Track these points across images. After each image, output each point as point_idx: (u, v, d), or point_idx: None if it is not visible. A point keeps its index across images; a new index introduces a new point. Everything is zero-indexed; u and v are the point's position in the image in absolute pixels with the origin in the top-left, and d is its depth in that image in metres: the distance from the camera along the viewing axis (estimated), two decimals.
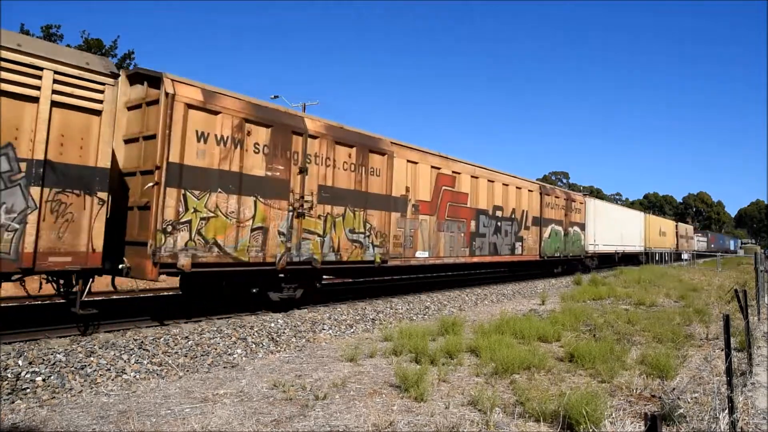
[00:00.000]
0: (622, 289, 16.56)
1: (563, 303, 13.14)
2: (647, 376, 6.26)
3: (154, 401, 5.21)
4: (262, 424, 4.58)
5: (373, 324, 10.00)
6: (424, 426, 4.55)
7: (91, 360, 6.02)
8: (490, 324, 8.93)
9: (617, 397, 5.50)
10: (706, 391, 5.49)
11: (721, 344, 7.67)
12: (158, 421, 4.62)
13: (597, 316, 10.49)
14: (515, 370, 6.26)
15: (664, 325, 9.37)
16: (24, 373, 5.45)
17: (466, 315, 11.44)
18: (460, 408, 5.08)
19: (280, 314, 9.40)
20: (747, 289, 8.07)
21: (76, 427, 4.45)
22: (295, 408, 5.03)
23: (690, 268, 34.16)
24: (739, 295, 5.86)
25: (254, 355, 7.33)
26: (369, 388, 5.71)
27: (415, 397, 5.28)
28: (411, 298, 13.04)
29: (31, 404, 5.00)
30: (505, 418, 4.79)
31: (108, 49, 23.89)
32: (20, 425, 4.47)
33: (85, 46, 22.85)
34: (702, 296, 15.19)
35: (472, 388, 5.64)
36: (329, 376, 6.23)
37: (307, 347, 8.02)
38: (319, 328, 9.00)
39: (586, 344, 7.24)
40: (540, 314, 11.16)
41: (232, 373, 6.42)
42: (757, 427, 4.60)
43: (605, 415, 4.48)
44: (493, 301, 14.82)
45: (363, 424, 4.59)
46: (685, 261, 47.64)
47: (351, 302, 11.52)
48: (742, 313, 5.88)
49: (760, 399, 5.39)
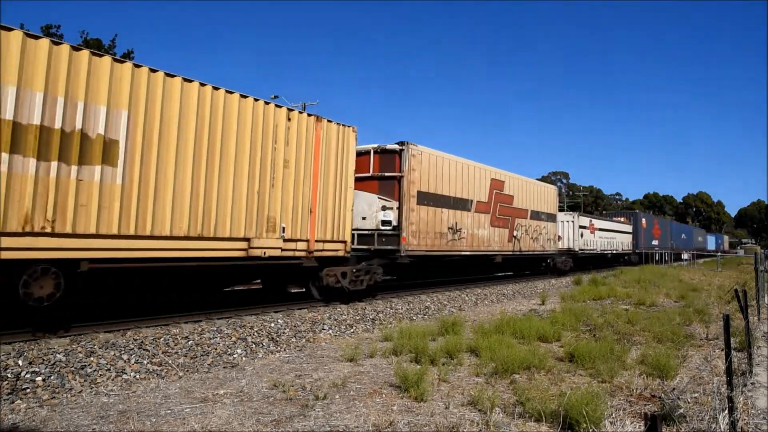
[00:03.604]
0: (622, 289, 16.56)
1: (563, 303, 13.14)
2: (647, 376, 6.25)
3: (154, 401, 5.21)
4: (262, 424, 4.58)
5: (373, 324, 10.00)
6: (424, 426, 4.55)
7: (91, 360, 6.02)
8: (490, 324, 8.93)
9: (617, 397, 5.50)
10: (706, 391, 5.48)
11: (721, 344, 7.67)
12: (158, 421, 4.62)
13: (597, 316, 10.49)
14: (515, 370, 6.26)
15: (664, 325, 9.37)
16: (24, 373, 5.45)
17: (466, 315, 11.45)
18: (460, 408, 5.08)
19: (280, 314, 9.41)
20: (747, 289, 8.07)
21: (76, 427, 4.45)
22: (295, 408, 5.03)
23: (690, 268, 34.18)
24: (739, 295, 5.85)
25: (254, 355, 7.33)
26: (369, 388, 5.71)
27: (415, 397, 5.28)
28: (411, 298, 13.05)
29: (31, 404, 5.00)
30: (505, 418, 4.79)
31: (107, 49, 23.87)
32: (20, 425, 4.46)
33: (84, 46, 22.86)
34: (702, 296, 15.19)
35: (472, 388, 5.64)
36: (329, 376, 6.23)
37: (307, 347, 8.02)
38: (319, 328, 9.00)
39: (586, 344, 7.24)
40: (540, 314, 11.16)
41: (232, 373, 6.42)
42: (757, 427, 4.60)
43: (605, 415, 4.47)
44: (493, 301, 14.82)
45: (363, 424, 4.59)
46: (685, 261, 47.70)
47: (351, 303, 11.53)
48: (742, 313, 5.88)
49: (760, 399, 5.39)
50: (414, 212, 12.97)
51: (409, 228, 12.76)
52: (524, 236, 19.39)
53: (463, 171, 15.40)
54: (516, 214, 18.84)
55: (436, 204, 13.94)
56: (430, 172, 13.70)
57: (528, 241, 19.73)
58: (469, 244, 15.66)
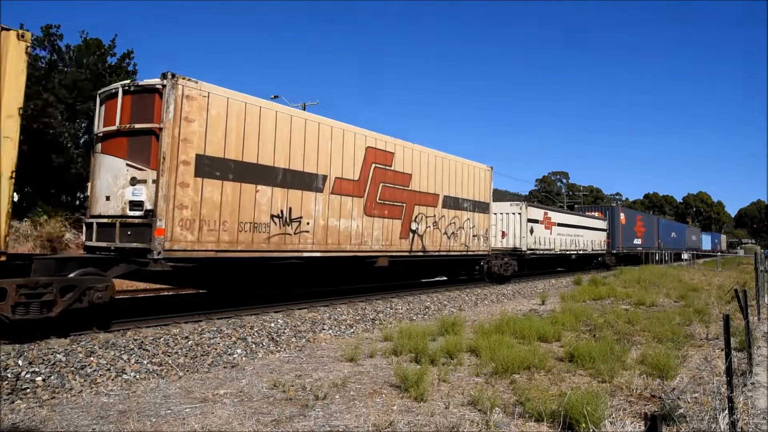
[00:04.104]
0: (622, 289, 16.57)
1: (563, 303, 13.15)
2: (647, 376, 6.25)
3: (154, 401, 5.21)
4: (262, 424, 4.58)
5: (373, 324, 10.00)
6: (424, 426, 4.55)
7: (91, 360, 6.02)
8: (490, 324, 8.94)
9: (617, 397, 5.50)
10: (706, 391, 5.48)
11: (721, 344, 7.67)
12: (158, 421, 4.62)
13: (597, 316, 10.49)
14: (515, 370, 6.26)
15: (664, 325, 9.38)
16: (24, 373, 5.45)
17: (466, 315, 11.45)
18: (460, 408, 5.08)
19: (280, 314, 9.40)
20: (747, 289, 8.07)
21: (76, 427, 4.45)
22: (295, 408, 5.03)
23: (690, 268, 34.19)
24: (739, 295, 5.85)
25: (254, 355, 7.33)
26: (369, 388, 5.71)
27: (415, 397, 5.28)
28: (411, 298, 13.05)
29: (31, 404, 5.00)
30: (505, 418, 4.79)
31: (107, 49, 23.85)
32: (20, 425, 4.46)
33: (84, 46, 22.82)
34: (702, 296, 15.19)
35: (472, 388, 5.64)
36: (329, 376, 6.23)
37: (307, 347, 8.02)
38: (319, 328, 9.00)
39: (586, 344, 7.24)
40: (540, 314, 11.17)
41: (232, 373, 6.42)
42: (757, 427, 4.60)
43: (605, 415, 4.47)
44: (493, 301, 14.82)
45: (363, 424, 4.59)
46: (685, 261, 47.49)
47: (351, 302, 11.52)
48: (742, 313, 5.88)
49: (760, 399, 5.39)
50: (188, 188, 8.07)
51: (176, 214, 7.90)
52: (431, 231, 14.10)
53: (307, 133, 10.25)
54: (416, 199, 13.54)
55: (243, 178, 8.94)
56: (230, 127, 8.73)
57: (438, 237, 14.42)
58: (320, 241, 10.46)
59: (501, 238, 20.71)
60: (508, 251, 20.17)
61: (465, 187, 15.96)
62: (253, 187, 9.15)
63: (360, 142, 11.76)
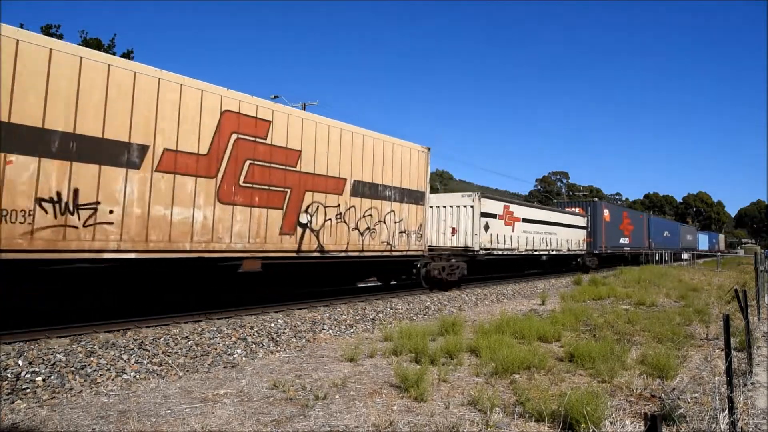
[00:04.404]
0: (622, 289, 16.57)
1: (563, 303, 13.15)
2: (647, 376, 6.25)
3: (154, 401, 5.21)
4: (262, 424, 4.58)
5: (373, 324, 10.00)
6: (424, 426, 4.55)
7: (91, 360, 6.02)
8: (490, 324, 8.93)
9: (617, 397, 5.50)
10: (706, 391, 5.48)
11: (721, 344, 7.67)
12: (158, 421, 4.62)
13: (597, 316, 10.49)
14: (515, 370, 6.26)
15: (664, 325, 9.38)
16: (24, 373, 5.45)
17: (466, 315, 11.45)
18: (460, 408, 5.08)
19: (280, 314, 9.41)
20: (747, 289, 8.07)
21: (76, 427, 4.45)
22: (295, 408, 5.03)
23: (690, 268, 34.21)
24: (739, 295, 5.85)
25: (254, 355, 7.33)
26: (369, 388, 5.71)
27: (415, 397, 5.28)
28: (411, 298, 13.05)
29: (31, 404, 5.00)
30: (505, 418, 4.79)
31: (106, 48, 23.87)
32: (20, 425, 4.46)
33: (83, 46, 22.84)
34: (702, 296, 15.19)
35: (472, 388, 5.64)
36: (329, 376, 6.23)
37: (307, 347, 8.02)
38: (319, 328, 9.00)
39: (586, 344, 7.24)
40: (540, 314, 11.17)
41: (232, 373, 6.42)
42: (757, 427, 4.60)
43: (605, 415, 4.47)
44: (493, 301, 14.82)
45: (363, 424, 4.59)
46: (685, 261, 47.46)
47: (351, 302, 11.52)
48: (742, 313, 5.88)
49: (760, 399, 5.39)
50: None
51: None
52: (333, 225, 11.09)
53: (110, 87, 7.33)
54: (308, 184, 10.51)
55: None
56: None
57: (345, 233, 11.38)
58: (135, 237, 7.54)
59: (451, 235, 17.71)
60: (458, 251, 17.08)
61: (388, 172, 12.70)
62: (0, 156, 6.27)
63: (211, 103, 8.72)
